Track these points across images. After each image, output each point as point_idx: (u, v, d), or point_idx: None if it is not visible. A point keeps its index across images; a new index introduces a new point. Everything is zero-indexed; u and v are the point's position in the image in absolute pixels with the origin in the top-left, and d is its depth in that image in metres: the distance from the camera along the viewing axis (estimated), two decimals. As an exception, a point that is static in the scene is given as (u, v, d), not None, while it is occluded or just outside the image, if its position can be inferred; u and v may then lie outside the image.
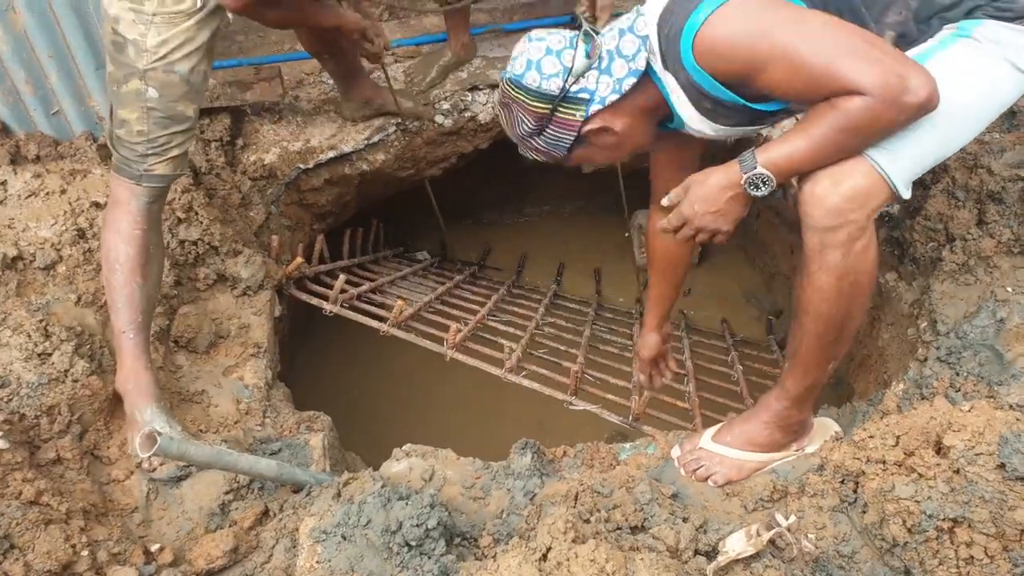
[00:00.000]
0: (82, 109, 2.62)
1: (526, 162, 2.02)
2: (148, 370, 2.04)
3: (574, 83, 1.67)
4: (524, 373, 2.55)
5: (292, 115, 3.06)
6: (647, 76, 1.68)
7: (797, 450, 1.87)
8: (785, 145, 1.56)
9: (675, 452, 1.94)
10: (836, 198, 1.54)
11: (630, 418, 2.43)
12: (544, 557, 1.35)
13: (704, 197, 1.66)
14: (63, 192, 2.43)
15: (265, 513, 1.87)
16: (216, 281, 2.50)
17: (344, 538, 1.55)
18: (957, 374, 2.02)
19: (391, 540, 1.51)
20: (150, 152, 2.00)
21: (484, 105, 3.18)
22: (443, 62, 3.14)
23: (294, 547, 1.72)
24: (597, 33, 1.70)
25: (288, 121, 3.04)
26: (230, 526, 1.84)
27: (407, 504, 1.56)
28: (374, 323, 2.68)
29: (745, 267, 4.34)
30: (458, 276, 3.94)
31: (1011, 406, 1.76)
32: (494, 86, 3.15)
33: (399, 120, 3.11)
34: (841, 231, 1.55)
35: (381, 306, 2.94)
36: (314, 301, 2.75)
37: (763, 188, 1.59)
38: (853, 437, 1.74)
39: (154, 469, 1.91)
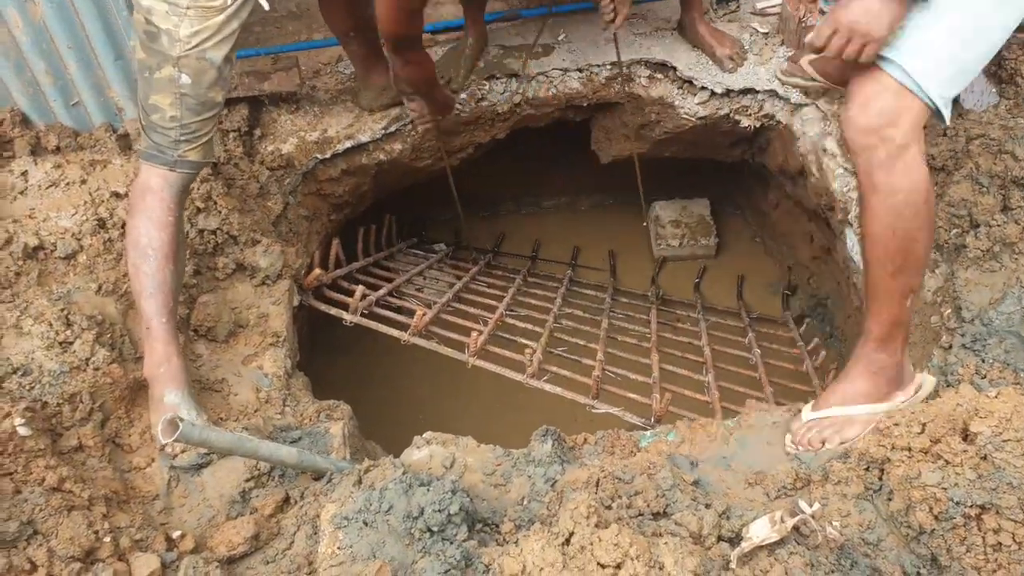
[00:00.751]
0: (101, 100, 2.62)
1: (544, 153, 1.99)
2: (180, 356, 2.06)
3: None
4: (546, 377, 2.54)
5: (309, 105, 3.06)
6: None
7: (904, 400, 1.83)
8: None
9: (787, 440, 1.91)
10: (866, 119, 1.54)
11: (652, 419, 2.42)
12: (567, 542, 1.34)
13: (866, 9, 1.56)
14: (83, 182, 2.44)
15: (286, 500, 1.87)
16: (235, 271, 2.51)
17: (366, 524, 1.55)
18: (983, 361, 2.00)
19: (412, 526, 1.51)
20: (183, 138, 2.03)
21: (502, 94, 3.17)
22: (467, 54, 3.12)
23: (315, 534, 1.72)
24: None
25: (305, 111, 3.03)
26: (251, 513, 1.84)
27: (428, 490, 1.56)
28: (395, 332, 2.68)
29: (763, 258, 4.32)
30: (473, 267, 3.93)
31: (1037, 392, 1.74)
32: (512, 75, 3.14)
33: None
34: (879, 150, 1.56)
35: (399, 310, 2.94)
36: (333, 311, 2.75)
37: None
38: (878, 425, 1.72)
39: (176, 456, 1.92)
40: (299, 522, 1.77)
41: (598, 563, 1.22)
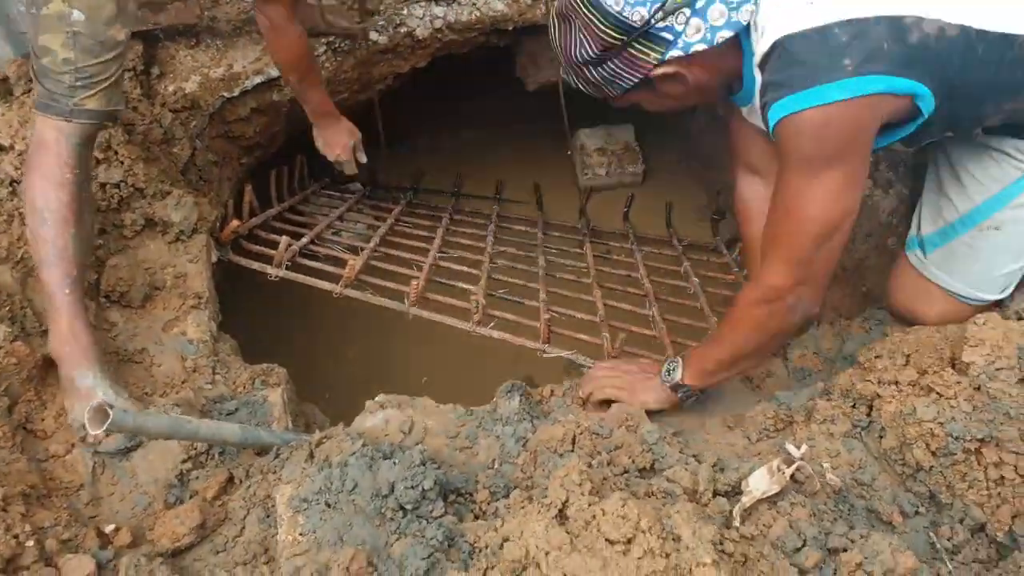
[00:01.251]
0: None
1: (460, 81, 1.85)
2: (88, 330, 1.82)
3: (662, 18, 1.46)
4: (492, 324, 2.39)
5: (211, 38, 2.77)
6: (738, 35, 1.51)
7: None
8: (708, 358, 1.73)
9: None
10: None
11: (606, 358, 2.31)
12: (561, 513, 1.22)
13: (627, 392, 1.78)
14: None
15: (230, 480, 1.69)
16: (145, 227, 2.25)
17: (328, 505, 1.40)
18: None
19: (383, 505, 1.37)
20: (79, 83, 1.77)
21: (421, 19, 2.94)
22: None
23: (268, 517, 1.56)
24: None
25: (207, 45, 2.75)
26: (192, 498, 1.66)
27: (395, 463, 1.42)
28: (325, 285, 2.48)
29: (691, 184, 4.24)
30: (395, 207, 3.72)
31: (1018, 315, 1.70)
32: (431, -1, 2.92)
33: (329, 39, 2.85)
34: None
35: (326, 259, 2.72)
36: (256, 266, 2.52)
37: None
38: (859, 359, 1.65)
39: (99, 442, 1.71)
40: (248, 504, 1.61)
41: (607, 539, 1.10)
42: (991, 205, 1.68)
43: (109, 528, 1.60)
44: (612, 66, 1.55)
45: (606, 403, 1.79)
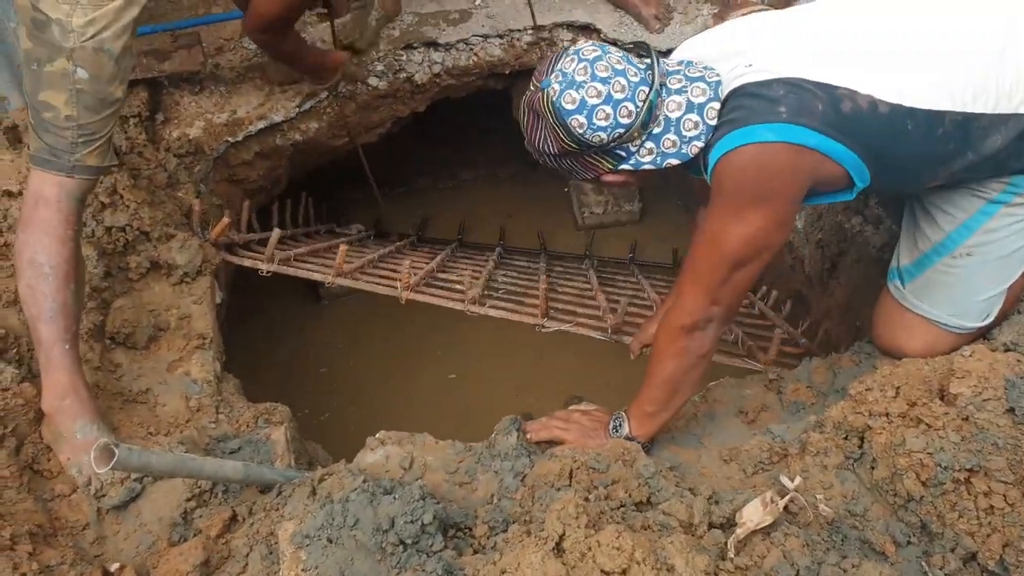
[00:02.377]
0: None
1: (460, 124, 1.94)
2: (86, 385, 1.85)
3: (619, 144, 1.60)
4: (488, 304, 2.41)
5: (215, 85, 2.84)
6: None
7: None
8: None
9: None
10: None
11: (609, 332, 2.34)
12: (559, 547, 1.25)
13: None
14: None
15: (233, 518, 1.72)
16: (150, 269, 2.30)
17: (330, 541, 1.42)
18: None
19: (383, 540, 1.39)
20: (80, 140, 1.79)
21: (420, 65, 3.01)
22: (373, 21, 2.95)
23: (271, 554, 1.58)
24: (663, 89, 1.59)
25: (211, 91, 2.82)
26: (195, 536, 1.69)
27: (395, 499, 1.44)
28: (317, 276, 2.50)
29: (688, 221, 4.29)
30: (399, 242, 3.77)
31: (1006, 347, 1.73)
32: (430, 44, 2.99)
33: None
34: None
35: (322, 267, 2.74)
36: (247, 263, 2.54)
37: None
38: (850, 391, 1.68)
39: (103, 495, 1.73)
40: (251, 542, 1.63)
41: (602, 571, 1.13)
42: (960, 233, 1.72)
43: (114, 567, 1.63)
44: (569, 162, 1.68)
45: (547, 443, 1.85)
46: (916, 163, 1.59)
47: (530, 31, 3.01)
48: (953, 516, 1.41)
